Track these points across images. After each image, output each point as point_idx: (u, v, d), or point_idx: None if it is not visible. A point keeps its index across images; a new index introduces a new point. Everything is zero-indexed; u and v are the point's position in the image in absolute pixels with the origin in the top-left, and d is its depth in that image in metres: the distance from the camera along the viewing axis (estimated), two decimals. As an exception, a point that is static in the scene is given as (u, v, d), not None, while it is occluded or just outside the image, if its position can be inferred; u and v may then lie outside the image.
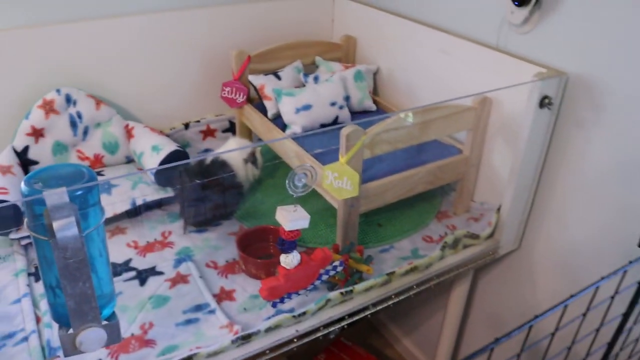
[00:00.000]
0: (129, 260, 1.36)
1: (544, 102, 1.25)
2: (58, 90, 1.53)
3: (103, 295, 0.97)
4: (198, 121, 1.83)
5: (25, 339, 1.15)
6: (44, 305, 1.22)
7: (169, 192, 1.51)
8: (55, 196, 0.76)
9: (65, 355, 0.91)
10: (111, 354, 1.12)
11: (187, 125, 1.81)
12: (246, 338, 1.09)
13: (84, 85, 1.61)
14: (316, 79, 1.65)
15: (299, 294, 1.12)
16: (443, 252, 1.34)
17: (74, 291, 0.86)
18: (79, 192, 0.84)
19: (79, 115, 1.57)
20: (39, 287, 1.28)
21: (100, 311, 0.93)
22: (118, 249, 1.39)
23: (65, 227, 0.77)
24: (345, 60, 1.82)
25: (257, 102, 1.70)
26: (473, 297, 1.72)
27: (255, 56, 1.66)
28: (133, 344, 1.13)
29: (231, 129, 1.88)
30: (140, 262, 1.35)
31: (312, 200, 1.37)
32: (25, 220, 0.87)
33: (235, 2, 1.78)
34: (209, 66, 1.81)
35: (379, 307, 1.26)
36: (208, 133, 1.85)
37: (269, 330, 1.12)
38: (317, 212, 1.50)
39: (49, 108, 1.52)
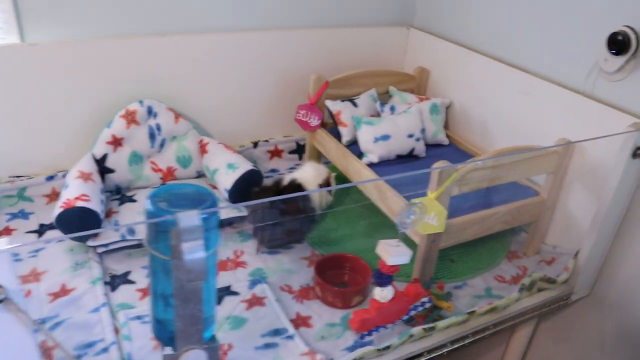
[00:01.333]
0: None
1: (637, 152, 1.24)
2: (141, 102, 1.56)
3: (206, 317, 0.97)
4: (267, 141, 1.85)
5: (106, 349, 1.15)
6: (122, 316, 1.23)
7: (242, 211, 1.52)
8: (188, 218, 0.77)
9: (168, 375, 0.91)
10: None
11: (256, 144, 1.83)
12: (332, 368, 1.09)
13: (162, 97, 1.64)
14: (392, 109, 1.66)
15: (386, 328, 1.12)
16: (520, 294, 1.32)
17: (184, 312, 0.86)
18: (204, 215, 0.85)
19: (158, 128, 1.59)
20: (115, 297, 1.29)
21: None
22: (192, 264, 1.40)
23: (193, 250, 0.78)
24: (417, 91, 1.84)
25: (330, 126, 1.71)
26: (531, 343, 1.70)
27: (332, 82, 1.67)
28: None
29: (297, 150, 1.89)
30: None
31: (382, 232, 1.38)
32: (146, 235, 0.87)
33: (311, 27, 1.81)
34: (281, 87, 1.83)
35: (455, 346, 1.24)
36: (275, 153, 1.86)
37: (355, 362, 1.11)
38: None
39: (130, 118, 1.54)
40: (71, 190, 1.40)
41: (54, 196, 1.61)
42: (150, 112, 1.57)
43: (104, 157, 1.54)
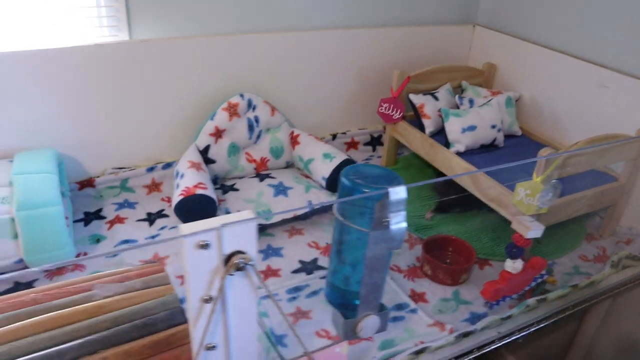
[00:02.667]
0: (316, 259, 1.45)
1: None
2: (242, 95, 1.64)
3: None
4: (344, 133, 1.94)
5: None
6: (252, 294, 1.31)
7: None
8: (396, 192, 0.86)
9: (346, 339, 1.00)
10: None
11: (334, 136, 1.92)
12: (466, 335, 1.19)
13: (255, 91, 1.73)
14: (471, 102, 1.77)
15: (512, 298, 1.22)
16: (612, 270, 1.44)
17: (370, 280, 0.95)
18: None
19: (257, 120, 1.67)
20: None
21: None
22: (302, 248, 1.48)
23: (398, 220, 0.87)
24: (485, 86, 1.95)
25: (409, 119, 1.82)
26: (607, 319, 1.81)
27: (413, 76, 1.78)
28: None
29: (371, 142, 1.99)
30: (326, 262, 1.44)
31: (476, 217, 1.50)
32: (337, 210, 0.95)
33: (384, 26, 1.91)
34: (357, 83, 1.93)
35: (559, 317, 1.36)
36: (352, 145, 1.96)
37: (480, 330, 1.21)
38: (478, 226, 1.62)
39: (233, 111, 1.62)
40: (188, 179, 1.47)
41: (153, 187, 1.68)
42: (250, 105, 1.65)
43: (207, 148, 1.62)
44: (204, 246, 0.74)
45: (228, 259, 0.77)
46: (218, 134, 1.63)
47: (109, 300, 0.97)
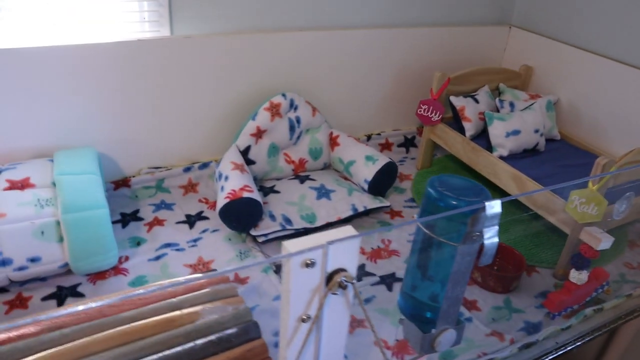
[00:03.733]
0: (363, 265, 1.42)
1: None
2: (284, 95, 1.60)
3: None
4: (379, 134, 1.91)
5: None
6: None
7: (383, 202, 1.58)
8: (492, 206, 0.83)
9: (422, 353, 0.98)
10: (394, 353, 1.19)
11: (369, 137, 1.89)
12: (529, 346, 1.17)
13: (292, 91, 1.68)
14: (512, 105, 1.74)
15: (573, 309, 1.21)
16: (661, 279, 1.44)
17: (452, 294, 0.93)
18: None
19: (298, 120, 1.63)
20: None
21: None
22: (348, 253, 1.45)
23: (492, 235, 0.85)
24: (522, 88, 1.93)
25: (446, 121, 1.79)
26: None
27: (452, 78, 1.75)
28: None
29: (405, 144, 1.96)
30: (375, 268, 1.42)
31: (521, 224, 1.48)
32: (420, 225, 0.91)
33: (419, 25, 1.87)
34: (393, 83, 1.89)
35: (611, 327, 1.35)
36: (386, 146, 1.93)
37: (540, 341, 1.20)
38: (522, 232, 1.60)
39: (275, 111, 1.58)
40: (233, 182, 1.43)
41: (190, 187, 1.64)
42: (292, 105, 1.61)
43: (247, 148, 1.58)
44: (310, 264, 0.71)
45: (330, 277, 0.74)
46: (259, 134, 1.58)
47: (179, 313, 0.94)
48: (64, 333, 0.88)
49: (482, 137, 1.72)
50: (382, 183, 1.59)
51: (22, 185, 1.30)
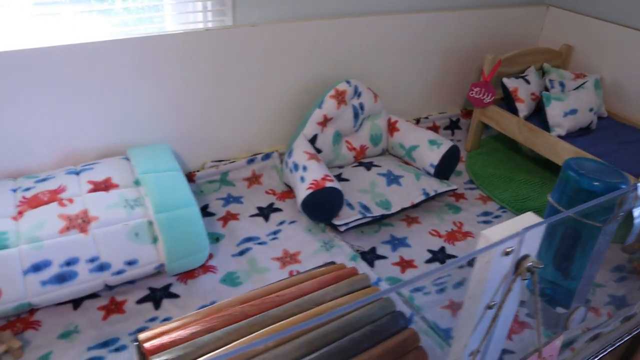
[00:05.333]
0: (444, 248, 1.43)
1: None
2: (348, 81, 1.58)
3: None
4: (427, 117, 1.91)
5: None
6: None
7: (450, 185, 1.59)
8: (644, 187, 0.85)
9: (556, 331, 1.00)
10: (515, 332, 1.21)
11: (417, 121, 1.89)
12: (628, 319, 1.21)
13: (346, 77, 1.66)
14: (562, 85, 1.78)
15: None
16: None
17: (588, 274, 0.95)
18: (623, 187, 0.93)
19: (362, 107, 1.62)
20: (377, 272, 1.32)
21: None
22: (425, 237, 1.46)
23: (638, 215, 0.87)
24: (562, 67, 1.96)
25: (498, 103, 1.81)
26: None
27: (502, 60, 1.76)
28: (515, 328, 1.22)
29: (451, 126, 1.97)
30: (455, 250, 1.43)
31: None
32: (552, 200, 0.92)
33: (460, 8, 1.87)
34: (440, 66, 1.90)
35: None
36: (432, 129, 1.93)
37: None
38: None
39: (340, 98, 1.56)
40: (313, 172, 1.41)
41: (254, 179, 1.61)
42: (356, 91, 1.59)
43: (314, 137, 1.55)
44: (509, 253, 0.71)
45: (518, 263, 0.74)
46: (325, 122, 1.56)
47: (322, 307, 0.92)
48: (217, 336, 0.86)
49: (535, 117, 1.75)
50: (447, 166, 1.60)
51: (106, 186, 1.25)
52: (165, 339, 0.85)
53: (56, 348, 1.09)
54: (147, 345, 0.83)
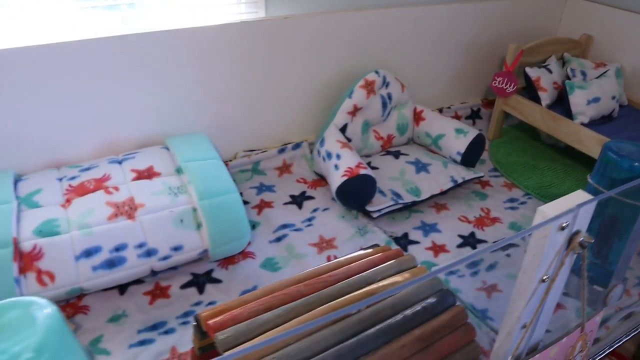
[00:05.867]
0: (473, 233, 1.47)
1: None
2: (377, 72, 1.61)
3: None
4: (449, 107, 1.95)
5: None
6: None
7: (477, 172, 1.63)
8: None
9: (596, 308, 1.03)
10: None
11: (440, 110, 1.92)
12: (659, 299, 1.25)
13: (369, 68, 1.70)
14: (583, 73, 1.81)
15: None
16: None
17: (628, 252, 0.98)
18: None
19: (389, 97, 1.65)
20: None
21: None
22: (455, 223, 1.50)
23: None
24: (582, 57, 1.99)
25: (519, 92, 1.84)
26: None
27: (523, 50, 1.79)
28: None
29: (472, 116, 2.01)
30: (484, 235, 1.46)
31: None
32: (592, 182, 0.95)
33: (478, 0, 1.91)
34: (462, 57, 1.93)
35: None
36: (455, 118, 1.96)
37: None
38: None
39: (370, 88, 1.59)
40: (347, 159, 1.44)
41: (284, 169, 1.64)
42: (384, 81, 1.63)
43: (344, 126, 1.58)
44: (564, 228, 0.74)
45: (570, 238, 0.78)
46: (355, 112, 1.59)
47: (374, 287, 0.96)
48: (276, 314, 0.89)
49: (557, 106, 1.78)
50: (473, 154, 1.63)
51: (149, 174, 1.28)
52: (226, 316, 0.88)
53: (107, 331, 1.13)
54: (210, 322, 0.86)
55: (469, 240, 1.44)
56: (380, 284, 0.97)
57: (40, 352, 0.47)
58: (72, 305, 1.19)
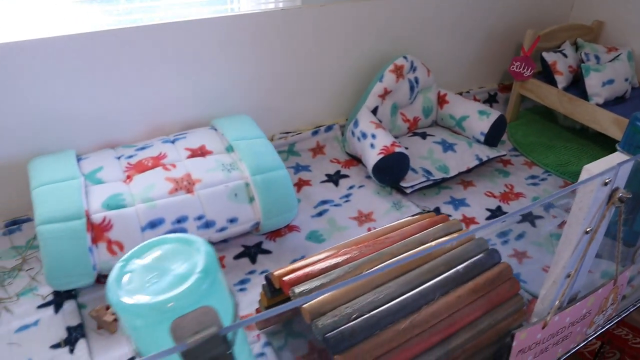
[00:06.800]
0: (500, 207, 1.57)
1: None
2: (405, 57, 1.70)
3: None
4: (468, 92, 2.04)
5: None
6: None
7: (500, 151, 1.72)
8: None
9: (625, 264, 1.13)
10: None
11: (459, 95, 2.02)
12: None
13: (398, 53, 1.79)
14: (597, 57, 1.91)
15: None
16: None
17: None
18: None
19: (417, 81, 1.74)
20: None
21: None
22: (482, 197, 1.59)
23: None
24: (594, 42, 2.09)
25: (535, 76, 1.94)
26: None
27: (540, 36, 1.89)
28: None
29: (489, 100, 2.10)
30: (509, 209, 1.56)
31: None
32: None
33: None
34: (475, 43, 2.02)
35: None
36: (474, 103, 2.07)
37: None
38: None
39: (399, 73, 1.68)
40: (381, 139, 1.53)
41: (318, 150, 1.73)
42: (412, 66, 1.72)
43: (375, 109, 1.68)
44: (606, 183, 0.84)
45: (611, 194, 0.87)
46: (385, 95, 1.68)
47: (428, 245, 1.05)
48: (345, 270, 0.98)
49: (572, 88, 1.88)
50: (496, 134, 1.73)
51: (202, 152, 1.37)
52: (299, 273, 0.97)
53: (170, 297, 1.22)
54: (285, 278, 0.96)
55: (497, 214, 1.54)
56: (433, 243, 1.06)
57: (206, 274, 0.56)
58: (134, 275, 1.27)
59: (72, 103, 1.36)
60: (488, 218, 1.51)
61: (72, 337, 1.11)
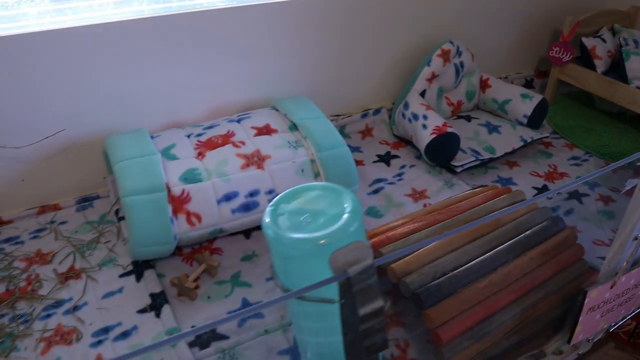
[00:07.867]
0: (546, 186, 1.63)
1: None
2: (451, 42, 1.76)
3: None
4: (506, 77, 2.10)
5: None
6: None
7: (543, 133, 1.78)
8: None
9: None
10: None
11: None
12: None
13: (435, 39, 1.85)
14: (635, 42, 1.96)
15: None
16: None
17: None
18: None
19: (462, 65, 1.80)
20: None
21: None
22: (527, 177, 1.65)
23: None
24: (630, 27, 2.14)
25: (573, 61, 2.00)
26: None
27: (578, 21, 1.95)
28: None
29: (525, 85, 2.16)
30: (555, 187, 1.62)
31: None
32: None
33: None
34: (512, 30, 2.08)
35: None
36: (513, 88, 2.13)
37: None
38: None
39: (446, 57, 1.74)
40: (433, 120, 1.60)
41: (366, 132, 1.80)
42: (458, 51, 1.78)
43: (423, 92, 1.74)
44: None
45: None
46: (432, 79, 1.75)
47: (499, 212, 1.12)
48: (424, 234, 1.05)
49: (610, 73, 1.94)
50: (538, 117, 1.79)
51: (267, 130, 1.44)
52: (382, 237, 1.04)
53: (243, 268, 1.29)
54: (372, 240, 1.02)
55: (543, 192, 1.60)
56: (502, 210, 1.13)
57: (354, 214, 0.63)
58: (206, 247, 1.35)
59: (140, 85, 1.43)
60: (535, 195, 1.57)
61: (157, 302, 1.18)
